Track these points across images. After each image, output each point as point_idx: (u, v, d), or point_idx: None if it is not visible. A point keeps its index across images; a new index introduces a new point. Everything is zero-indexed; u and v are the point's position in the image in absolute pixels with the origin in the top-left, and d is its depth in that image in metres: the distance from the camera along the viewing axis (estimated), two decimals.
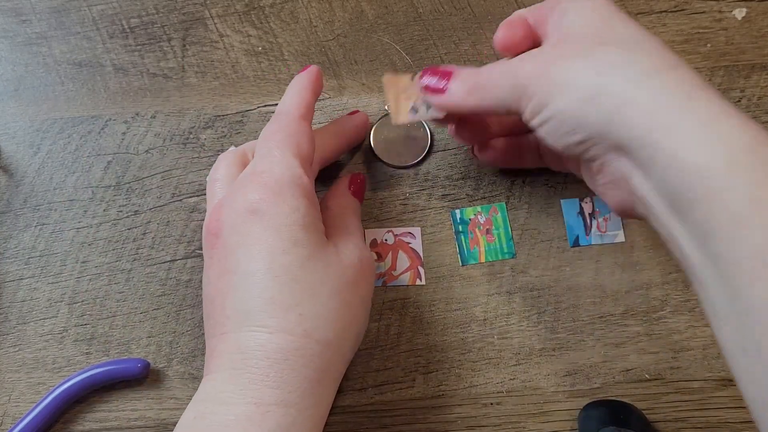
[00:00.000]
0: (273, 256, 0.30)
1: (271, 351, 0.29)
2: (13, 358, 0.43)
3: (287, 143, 0.33)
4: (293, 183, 0.32)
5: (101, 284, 0.44)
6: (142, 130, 0.46)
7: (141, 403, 0.42)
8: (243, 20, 0.48)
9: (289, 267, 0.30)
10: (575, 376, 0.42)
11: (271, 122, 0.36)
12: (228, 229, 0.32)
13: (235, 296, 0.30)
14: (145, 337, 0.43)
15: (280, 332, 0.29)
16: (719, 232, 0.25)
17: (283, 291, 0.29)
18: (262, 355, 0.29)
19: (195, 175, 0.45)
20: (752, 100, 0.46)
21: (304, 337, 0.29)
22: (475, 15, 0.48)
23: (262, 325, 0.29)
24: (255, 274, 0.30)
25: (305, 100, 0.37)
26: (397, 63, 0.47)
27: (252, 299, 0.29)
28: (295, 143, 0.33)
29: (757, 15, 0.47)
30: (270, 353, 0.29)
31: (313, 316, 0.29)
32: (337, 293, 0.30)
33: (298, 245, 0.30)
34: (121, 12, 0.48)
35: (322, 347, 0.29)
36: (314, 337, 0.29)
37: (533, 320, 0.43)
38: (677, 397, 0.42)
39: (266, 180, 0.32)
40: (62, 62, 0.47)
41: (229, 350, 0.30)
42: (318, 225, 0.33)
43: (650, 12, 0.48)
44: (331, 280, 0.30)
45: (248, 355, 0.29)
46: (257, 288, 0.30)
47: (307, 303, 0.29)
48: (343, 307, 0.29)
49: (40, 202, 0.45)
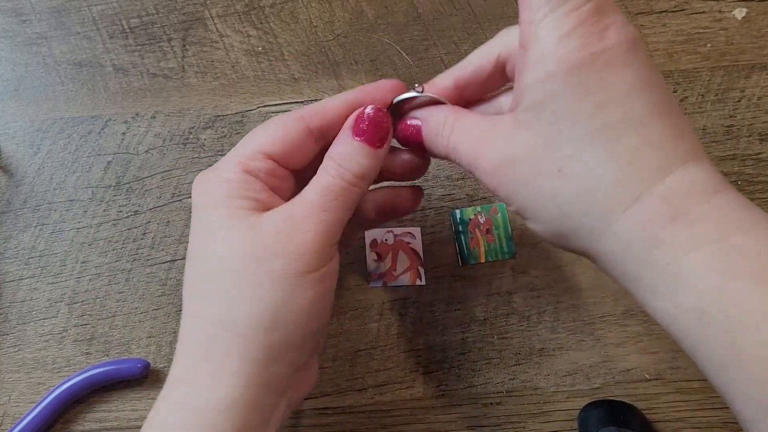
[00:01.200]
0: (190, 235, 0.31)
1: (181, 332, 0.31)
2: (13, 358, 0.43)
3: (248, 138, 0.32)
4: (218, 166, 0.32)
5: (101, 284, 0.44)
6: (142, 130, 0.46)
7: (141, 403, 0.42)
8: (243, 20, 0.48)
9: (194, 248, 0.31)
10: (575, 376, 0.42)
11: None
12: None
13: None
14: (145, 337, 0.43)
15: (185, 314, 0.31)
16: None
17: (189, 274, 0.31)
18: (179, 338, 0.31)
19: (195, 175, 0.45)
20: (752, 100, 0.46)
21: (198, 318, 0.30)
22: (475, 15, 0.48)
23: (183, 309, 0.31)
24: (186, 257, 0.32)
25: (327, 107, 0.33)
26: (397, 63, 0.47)
27: (183, 282, 0.32)
28: (256, 137, 0.32)
29: (757, 15, 0.47)
30: (181, 334, 0.31)
31: (207, 297, 0.30)
32: (233, 272, 0.29)
33: (203, 224, 0.31)
34: (121, 12, 0.48)
35: (215, 328, 0.29)
36: (207, 318, 0.30)
37: (533, 320, 0.43)
38: (677, 397, 0.42)
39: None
40: (62, 62, 0.47)
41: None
42: (236, 201, 0.30)
43: (650, 12, 0.48)
44: (228, 258, 0.29)
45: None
46: (185, 272, 0.32)
47: (204, 284, 0.30)
48: (241, 285, 0.29)
49: (40, 202, 0.45)
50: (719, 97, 0.46)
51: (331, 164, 0.31)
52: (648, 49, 0.47)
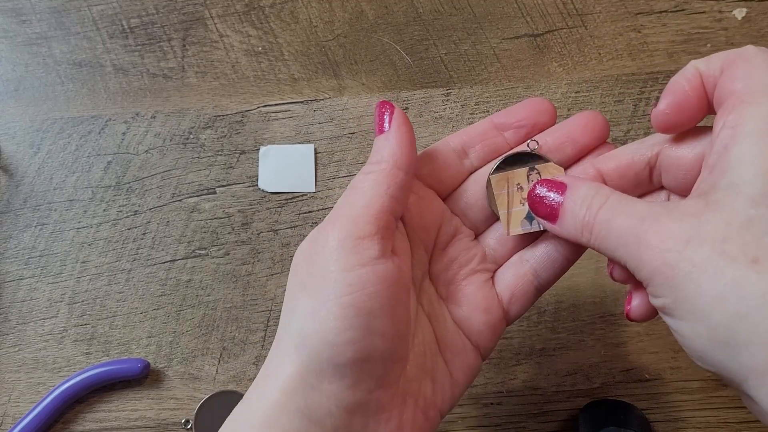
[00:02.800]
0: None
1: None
2: (13, 358, 0.43)
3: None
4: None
5: (101, 284, 0.44)
6: (142, 130, 0.46)
7: (141, 403, 0.42)
8: (243, 20, 0.48)
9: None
10: (575, 376, 0.42)
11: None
12: None
13: None
14: (145, 337, 0.43)
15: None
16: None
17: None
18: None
19: (195, 175, 0.45)
20: None
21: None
22: (475, 15, 0.48)
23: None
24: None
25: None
26: (397, 63, 0.47)
27: None
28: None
29: (757, 15, 0.47)
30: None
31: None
32: (288, 286, 0.28)
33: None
34: (121, 12, 0.48)
35: (273, 346, 0.28)
36: (275, 338, 0.29)
37: (533, 320, 0.43)
38: (677, 397, 0.42)
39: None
40: (62, 62, 0.47)
41: None
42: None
43: (650, 12, 0.48)
44: (293, 273, 0.29)
45: None
46: None
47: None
48: (288, 297, 0.28)
49: (40, 202, 0.45)
50: None
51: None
52: (648, 49, 0.47)
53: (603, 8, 0.47)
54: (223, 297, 0.44)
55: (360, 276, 0.25)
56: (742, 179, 0.22)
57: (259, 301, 0.44)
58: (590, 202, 0.26)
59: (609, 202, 0.26)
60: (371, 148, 0.46)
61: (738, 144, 0.22)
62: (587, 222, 0.26)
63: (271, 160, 0.46)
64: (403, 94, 0.47)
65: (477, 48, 0.47)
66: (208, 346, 0.43)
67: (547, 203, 0.28)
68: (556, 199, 0.27)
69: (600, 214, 0.26)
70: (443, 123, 0.46)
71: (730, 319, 0.22)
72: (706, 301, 0.22)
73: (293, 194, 0.45)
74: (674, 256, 0.23)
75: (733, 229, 0.22)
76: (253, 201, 0.45)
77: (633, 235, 0.24)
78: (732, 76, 0.24)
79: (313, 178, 0.45)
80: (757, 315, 0.21)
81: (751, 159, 0.22)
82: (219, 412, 0.42)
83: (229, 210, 0.45)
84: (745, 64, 0.24)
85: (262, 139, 0.46)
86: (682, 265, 0.23)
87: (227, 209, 0.45)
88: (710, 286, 0.22)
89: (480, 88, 0.46)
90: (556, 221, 0.27)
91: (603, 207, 0.26)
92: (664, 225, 0.24)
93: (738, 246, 0.22)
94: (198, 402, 0.42)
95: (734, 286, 0.21)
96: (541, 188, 0.28)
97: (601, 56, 0.47)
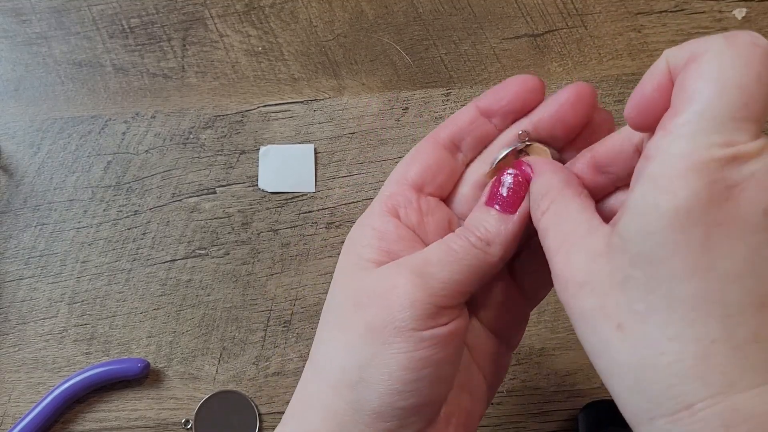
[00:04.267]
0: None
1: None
2: (13, 358, 0.43)
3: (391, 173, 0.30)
4: (369, 209, 0.29)
5: (101, 284, 0.44)
6: (142, 130, 0.46)
7: (141, 403, 0.42)
8: (243, 20, 0.48)
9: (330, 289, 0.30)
10: (575, 376, 0.42)
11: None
12: None
13: None
14: (145, 337, 0.43)
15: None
16: None
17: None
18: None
19: (195, 175, 0.45)
20: None
21: (307, 362, 0.29)
22: (475, 15, 0.48)
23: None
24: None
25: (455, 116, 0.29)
26: (397, 63, 0.47)
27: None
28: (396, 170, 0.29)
29: (757, 15, 0.47)
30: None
31: (315, 341, 0.28)
32: (336, 317, 0.27)
33: (336, 269, 0.29)
34: (121, 12, 0.48)
35: (312, 374, 0.28)
36: (309, 362, 0.28)
37: (533, 320, 0.43)
38: None
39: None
40: (62, 62, 0.47)
41: None
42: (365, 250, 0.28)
43: (650, 12, 0.48)
44: (336, 303, 0.28)
45: None
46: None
47: (319, 324, 0.29)
48: (338, 332, 0.27)
49: (40, 202, 0.45)
50: None
51: (463, 232, 0.27)
52: (648, 49, 0.47)
53: (603, 8, 0.47)
54: (223, 297, 0.44)
55: (433, 334, 0.25)
56: (628, 232, 0.21)
57: (259, 301, 0.44)
58: (540, 201, 0.26)
59: (550, 210, 0.25)
60: (371, 148, 0.46)
61: (637, 187, 0.21)
62: (537, 221, 0.26)
63: (271, 160, 0.46)
64: (403, 94, 0.47)
65: (477, 48, 0.47)
66: (208, 346, 0.43)
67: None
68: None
69: (542, 221, 0.26)
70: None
71: (603, 374, 0.22)
72: (587, 348, 0.23)
73: (293, 194, 0.45)
74: (569, 298, 0.23)
75: (613, 286, 0.22)
76: (253, 201, 0.45)
77: (551, 258, 0.24)
78: (680, 85, 0.21)
79: (313, 178, 0.45)
80: (620, 380, 0.21)
81: (641, 210, 0.21)
82: (219, 412, 0.42)
83: (229, 210, 0.45)
84: (703, 66, 0.20)
85: (262, 139, 0.46)
86: (573, 309, 0.23)
87: (227, 209, 0.45)
88: (589, 338, 0.22)
89: (480, 88, 0.46)
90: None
91: (545, 215, 0.26)
92: (572, 258, 0.23)
93: (612, 305, 0.21)
94: (198, 402, 0.42)
95: (605, 345, 0.22)
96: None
97: (601, 56, 0.47)
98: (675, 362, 0.20)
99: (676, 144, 0.20)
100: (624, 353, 0.21)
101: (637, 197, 0.21)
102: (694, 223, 0.20)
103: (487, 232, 0.27)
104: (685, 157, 0.20)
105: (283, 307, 0.44)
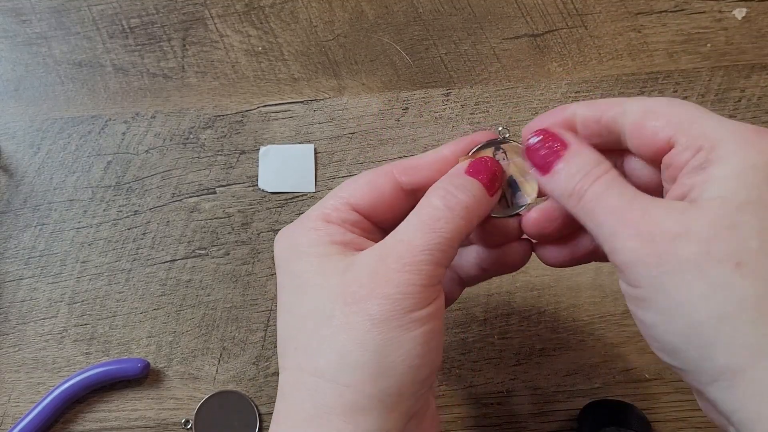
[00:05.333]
0: (278, 296, 0.30)
1: (279, 389, 0.28)
2: (13, 358, 0.43)
3: (333, 192, 0.30)
4: (299, 220, 0.30)
5: (101, 284, 0.44)
6: (142, 130, 0.46)
7: (141, 403, 0.42)
8: (243, 20, 0.48)
9: (284, 301, 0.29)
10: (575, 376, 0.42)
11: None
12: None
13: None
14: (145, 337, 0.43)
15: (283, 369, 0.28)
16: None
17: (282, 327, 0.29)
18: (278, 394, 0.28)
19: (195, 175, 0.45)
20: (752, 100, 0.46)
21: (298, 370, 0.27)
22: (475, 15, 0.48)
23: (279, 364, 0.29)
24: (277, 314, 0.30)
25: (420, 163, 0.30)
26: (397, 63, 0.47)
27: (277, 340, 0.30)
28: (341, 191, 0.30)
29: (757, 15, 0.47)
30: (279, 390, 0.28)
31: (305, 348, 0.27)
32: (328, 318, 0.27)
33: (292, 276, 0.29)
34: (121, 12, 0.48)
35: (316, 379, 0.26)
36: (306, 370, 0.27)
37: (533, 320, 0.43)
38: (677, 397, 0.42)
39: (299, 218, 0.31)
40: (62, 62, 0.47)
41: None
42: (324, 248, 0.28)
43: (650, 12, 0.48)
44: (323, 304, 0.27)
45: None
46: (277, 328, 0.30)
47: (300, 334, 0.28)
48: (339, 331, 0.26)
49: (40, 202, 0.45)
50: (719, 97, 0.46)
51: (437, 192, 0.28)
52: (648, 49, 0.47)
53: (603, 8, 0.47)
54: (223, 297, 0.44)
55: (434, 306, 0.27)
56: (726, 191, 0.23)
57: (259, 301, 0.44)
58: (588, 170, 0.26)
59: (606, 177, 0.26)
60: (371, 148, 0.46)
61: (716, 164, 0.24)
62: (578, 189, 0.26)
63: (271, 160, 0.46)
64: (403, 94, 0.47)
65: (477, 48, 0.47)
66: (208, 346, 0.43)
67: (542, 154, 0.28)
68: (553, 153, 0.27)
69: (595, 185, 0.26)
70: (443, 123, 0.46)
71: (712, 320, 0.22)
72: (688, 298, 0.22)
73: (293, 194, 0.45)
74: (661, 248, 0.23)
75: (719, 232, 0.22)
76: (253, 201, 0.45)
77: (620, 216, 0.25)
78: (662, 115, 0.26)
79: (313, 178, 0.45)
80: (738, 317, 0.21)
81: (738, 169, 0.23)
82: (219, 412, 0.42)
83: (229, 210, 0.45)
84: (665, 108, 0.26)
85: (262, 139, 0.46)
86: (668, 259, 0.23)
87: (227, 209, 0.45)
88: (694, 284, 0.22)
89: (480, 88, 0.46)
90: (547, 173, 0.28)
91: (599, 179, 0.26)
92: (653, 215, 0.24)
93: (723, 248, 0.22)
94: (198, 402, 0.42)
95: (718, 287, 0.22)
96: (542, 140, 0.28)
97: (601, 56, 0.47)
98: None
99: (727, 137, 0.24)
100: (747, 288, 0.21)
101: (731, 167, 0.23)
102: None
103: (473, 199, 0.28)
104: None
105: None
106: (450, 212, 0.27)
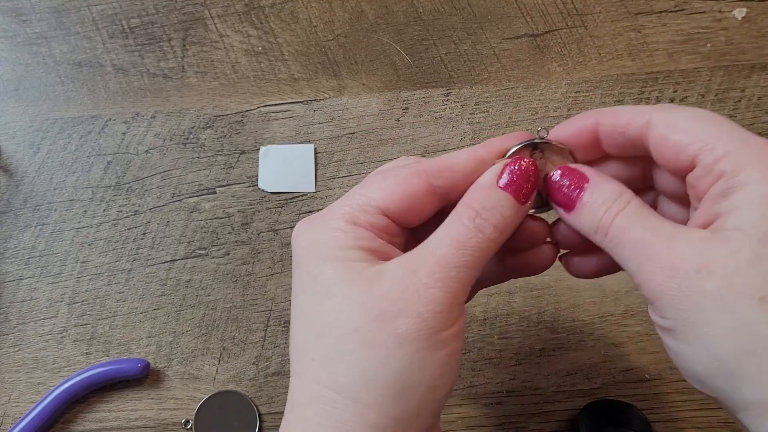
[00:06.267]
0: (294, 296, 0.28)
1: (291, 396, 0.28)
2: (13, 358, 0.43)
3: (362, 189, 0.29)
4: (323, 214, 0.28)
5: (101, 284, 0.44)
6: (142, 130, 0.46)
7: (141, 403, 0.42)
8: (243, 20, 0.48)
9: (302, 305, 0.28)
10: (575, 376, 0.42)
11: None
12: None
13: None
14: (145, 337, 0.43)
15: (295, 377, 0.28)
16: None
17: (299, 332, 0.28)
18: (288, 401, 0.28)
19: (195, 175, 0.45)
20: (752, 100, 0.46)
21: (314, 382, 0.26)
22: (475, 15, 0.48)
23: (292, 369, 0.28)
24: (292, 314, 0.29)
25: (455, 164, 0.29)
26: (397, 63, 0.47)
27: (290, 342, 0.29)
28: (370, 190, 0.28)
29: (757, 15, 0.47)
30: (291, 398, 0.28)
31: (323, 360, 0.26)
32: (352, 332, 0.26)
33: (313, 279, 0.27)
34: (121, 12, 0.48)
35: (334, 394, 0.26)
36: (324, 383, 0.26)
37: (533, 320, 0.43)
38: (677, 397, 0.42)
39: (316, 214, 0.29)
40: (62, 62, 0.47)
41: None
42: (350, 253, 0.27)
43: (650, 12, 0.48)
44: (346, 316, 0.26)
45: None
46: (291, 330, 0.29)
47: (319, 345, 0.27)
48: (363, 348, 0.25)
49: (40, 202, 0.45)
50: (719, 97, 0.46)
51: (467, 212, 0.27)
52: (648, 49, 0.47)
53: (603, 8, 0.47)
54: (223, 297, 0.44)
55: (458, 326, 0.27)
56: (748, 222, 0.23)
57: (259, 301, 0.44)
58: (611, 205, 0.26)
59: (628, 209, 0.26)
60: (371, 148, 0.46)
61: (738, 192, 0.23)
62: (603, 224, 0.26)
63: (271, 160, 0.46)
64: (403, 94, 0.47)
65: (477, 48, 0.47)
66: (208, 346, 0.43)
67: (564, 192, 0.28)
68: (575, 189, 0.27)
69: (617, 219, 0.26)
70: (443, 123, 0.46)
71: (738, 354, 0.22)
72: (713, 333, 0.22)
73: (293, 194, 0.45)
74: (684, 282, 0.23)
75: (741, 265, 0.22)
76: (253, 201, 0.45)
77: (645, 250, 0.24)
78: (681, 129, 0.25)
79: (313, 178, 0.45)
80: (764, 353, 0.22)
81: (758, 201, 0.23)
82: (219, 412, 0.42)
83: (229, 210, 0.45)
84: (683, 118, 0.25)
85: (262, 139, 0.46)
86: (693, 293, 0.23)
87: (227, 209, 0.45)
88: (719, 319, 0.22)
89: (480, 88, 0.46)
90: (570, 211, 0.28)
91: (622, 213, 0.26)
92: (675, 247, 0.24)
93: (746, 282, 0.22)
94: (198, 402, 0.42)
95: (743, 323, 0.22)
96: (561, 176, 0.28)
97: (601, 56, 0.47)
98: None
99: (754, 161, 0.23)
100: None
101: (753, 196, 0.23)
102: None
103: (504, 221, 0.27)
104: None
105: (283, 307, 0.44)
106: (480, 234, 0.26)
